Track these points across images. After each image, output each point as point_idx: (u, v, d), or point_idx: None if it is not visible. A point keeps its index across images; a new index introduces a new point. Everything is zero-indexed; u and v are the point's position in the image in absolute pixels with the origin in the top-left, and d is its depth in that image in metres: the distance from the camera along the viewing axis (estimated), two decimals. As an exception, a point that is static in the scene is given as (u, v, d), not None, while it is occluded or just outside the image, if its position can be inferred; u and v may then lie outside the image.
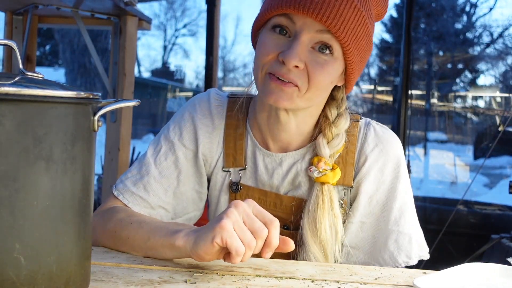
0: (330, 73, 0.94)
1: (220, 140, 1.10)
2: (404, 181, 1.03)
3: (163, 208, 1.07)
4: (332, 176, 1.00)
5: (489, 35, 14.31)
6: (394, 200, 1.01)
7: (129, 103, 0.74)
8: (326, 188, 1.00)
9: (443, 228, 2.97)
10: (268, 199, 1.06)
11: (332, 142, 1.01)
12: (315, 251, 0.98)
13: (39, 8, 2.25)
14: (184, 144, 1.09)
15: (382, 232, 1.02)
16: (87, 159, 0.67)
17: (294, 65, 0.90)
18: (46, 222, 0.62)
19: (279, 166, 1.05)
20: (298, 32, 0.92)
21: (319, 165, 1.00)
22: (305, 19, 0.91)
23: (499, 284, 0.84)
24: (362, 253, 1.03)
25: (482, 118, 10.50)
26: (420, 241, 1.03)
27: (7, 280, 0.59)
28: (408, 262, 1.02)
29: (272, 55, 0.93)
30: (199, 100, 1.13)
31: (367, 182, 1.02)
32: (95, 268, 0.83)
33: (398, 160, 1.03)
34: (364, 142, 1.04)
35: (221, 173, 1.10)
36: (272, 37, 0.94)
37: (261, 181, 1.07)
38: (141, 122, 13.64)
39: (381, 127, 1.07)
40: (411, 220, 1.03)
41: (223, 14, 23.30)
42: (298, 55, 0.90)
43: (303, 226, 1.00)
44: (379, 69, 16.59)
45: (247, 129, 1.09)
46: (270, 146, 1.07)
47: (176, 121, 1.12)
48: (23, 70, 0.66)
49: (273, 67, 0.93)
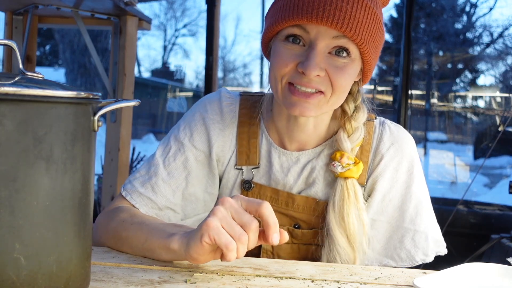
0: (350, 74, 0.95)
1: (233, 138, 1.09)
2: (418, 180, 1.04)
3: (171, 209, 1.06)
4: (356, 170, 1.00)
5: (489, 35, 14.31)
6: (409, 199, 1.02)
7: (129, 103, 0.74)
8: (350, 182, 1.00)
9: (443, 228, 2.96)
10: (280, 198, 1.06)
11: (353, 136, 1.02)
12: (343, 245, 0.99)
13: (39, 8, 2.24)
14: (195, 145, 1.08)
15: (398, 231, 1.03)
16: (87, 159, 0.67)
17: (315, 75, 0.91)
18: (46, 222, 0.62)
19: (295, 164, 1.06)
20: (313, 41, 0.92)
21: (342, 160, 1.00)
22: (319, 28, 0.91)
23: (499, 284, 0.84)
24: (371, 251, 1.03)
25: (482, 118, 10.50)
26: (437, 237, 1.04)
27: (7, 280, 0.59)
28: (425, 260, 1.03)
29: (291, 66, 0.93)
30: (209, 100, 1.12)
31: (382, 180, 1.03)
32: (95, 268, 0.83)
33: (412, 159, 1.04)
34: (380, 141, 1.05)
35: (234, 171, 1.09)
36: (287, 47, 0.94)
37: (275, 179, 1.06)
38: (141, 122, 13.65)
39: (395, 125, 1.08)
40: (427, 218, 1.03)
41: (223, 14, 23.31)
42: (317, 64, 0.91)
43: (330, 221, 1.00)
44: (379, 69, 16.58)
45: (262, 128, 1.09)
46: (287, 145, 1.07)
47: (186, 121, 1.11)
48: (23, 70, 0.66)
49: (294, 78, 0.93)
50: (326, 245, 1.01)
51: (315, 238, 1.04)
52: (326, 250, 1.01)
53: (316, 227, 1.04)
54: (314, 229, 1.05)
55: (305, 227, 1.05)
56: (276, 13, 0.95)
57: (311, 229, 1.05)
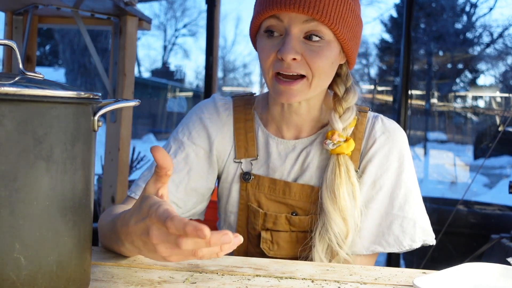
0: (327, 56, 0.99)
1: (231, 134, 1.15)
2: (408, 170, 1.07)
3: (175, 203, 1.10)
4: (346, 146, 1.04)
5: (489, 35, 14.32)
6: (399, 186, 1.05)
7: (129, 103, 0.74)
8: (342, 158, 1.04)
9: (443, 228, 2.96)
10: (277, 187, 1.10)
11: (344, 116, 1.07)
12: (336, 218, 1.02)
13: (39, 8, 2.24)
14: (194, 142, 1.13)
15: (387, 217, 1.05)
16: (87, 159, 0.67)
17: (291, 58, 0.97)
18: (46, 222, 0.62)
19: (292, 151, 1.11)
20: (287, 28, 0.98)
21: (333, 138, 1.05)
22: (290, 15, 0.97)
23: (499, 284, 0.84)
24: (359, 239, 1.05)
25: (482, 118, 10.51)
26: (425, 227, 1.06)
27: (7, 280, 0.59)
28: (412, 246, 1.05)
29: (272, 55, 1.00)
30: (204, 104, 1.18)
31: (371, 165, 1.06)
32: (95, 268, 0.83)
33: (403, 150, 1.07)
34: (372, 130, 1.09)
35: (233, 165, 1.14)
36: (268, 40, 1.01)
37: (273, 167, 1.11)
38: (141, 122, 13.66)
39: (388, 119, 1.13)
40: (415, 207, 1.06)
41: (223, 14, 23.34)
42: (292, 48, 0.96)
43: (322, 195, 1.04)
44: (379, 69, 16.61)
45: (257, 122, 1.15)
46: (285, 134, 1.13)
47: (184, 124, 1.17)
48: (23, 70, 0.66)
49: (276, 67, 0.99)
50: (320, 220, 1.04)
51: (312, 225, 1.07)
52: (320, 224, 1.04)
53: (312, 213, 1.08)
54: (310, 215, 1.08)
55: (302, 214, 1.09)
56: (256, 8, 1.04)
57: (307, 216, 1.08)
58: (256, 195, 1.11)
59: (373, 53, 17.26)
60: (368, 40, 17.06)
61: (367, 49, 16.87)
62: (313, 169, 1.09)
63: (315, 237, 1.04)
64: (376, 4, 30.47)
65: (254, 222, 1.11)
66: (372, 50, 17.25)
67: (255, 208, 1.10)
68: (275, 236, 1.10)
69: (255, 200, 1.11)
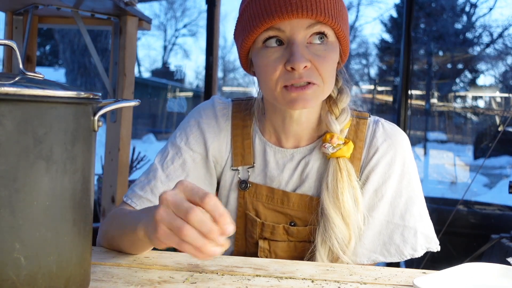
0: (333, 59, 0.98)
1: (228, 141, 1.12)
2: (410, 176, 1.05)
3: None
4: (346, 149, 1.03)
5: (489, 35, 14.31)
6: (400, 195, 1.04)
7: (129, 103, 0.74)
8: (342, 162, 1.02)
9: (443, 228, 2.96)
10: (275, 196, 1.08)
11: (340, 117, 1.06)
12: (338, 223, 1.00)
13: (39, 8, 2.24)
14: (191, 148, 1.11)
15: (388, 226, 1.03)
16: (87, 159, 0.67)
17: (303, 67, 0.93)
18: (46, 222, 0.62)
19: (290, 160, 1.09)
20: (290, 36, 0.94)
21: (332, 141, 1.03)
22: (292, 22, 0.93)
23: (499, 284, 0.84)
24: (360, 247, 1.04)
25: (482, 118, 10.50)
26: (428, 234, 1.04)
27: (7, 280, 0.59)
28: (414, 255, 1.04)
29: (279, 68, 0.95)
30: (203, 107, 1.16)
31: (374, 174, 1.04)
32: (95, 268, 0.83)
33: (406, 156, 1.06)
34: (373, 138, 1.07)
35: (230, 172, 1.12)
36: (269, 54, 0.95)
37: (271, 177, 1.09)
38: (141, 122, 13.64)
39: (389, 124, 1.10)
40: (417, 214, 1.04)
41: (223, 14, 23.27)
42: (302, 56, 0.93)
43: (324, 201, 1.01)
44: (379, 69, 16.60)
45: (255, 129, 1.12)
46: (284, 143, 1.10)
47: (182, 128, 1.15)
48: (23, 70, 0.66)
49: (287, 79, 0.94)
50: (321, 225, 1.02)
51: (310, 235, 1.06)
52: (321, 230, 1.02)
53: (311, 223, 1.06)
54: (309, 225, 1.06)
55: (300, 225, 1.07)
56: (246, 25, 0.97)
57: (306, 226, 1.06)
58: (254, 204, 1.09)
59: (373, 53, 17.26)
60: (368, 40, 17.08)
61: (367, 49, 16.89)
62: (313, 179, 1.07)
63: (317, 244, 1.02)
64: (376, 4, 30.45)
65: (252, 230, 1.09)
66: (372, 50, 17.26)
67: (252, 217, 1.09)
68: (273, 245, 1.08)
69: (252, 208, 1.09)
